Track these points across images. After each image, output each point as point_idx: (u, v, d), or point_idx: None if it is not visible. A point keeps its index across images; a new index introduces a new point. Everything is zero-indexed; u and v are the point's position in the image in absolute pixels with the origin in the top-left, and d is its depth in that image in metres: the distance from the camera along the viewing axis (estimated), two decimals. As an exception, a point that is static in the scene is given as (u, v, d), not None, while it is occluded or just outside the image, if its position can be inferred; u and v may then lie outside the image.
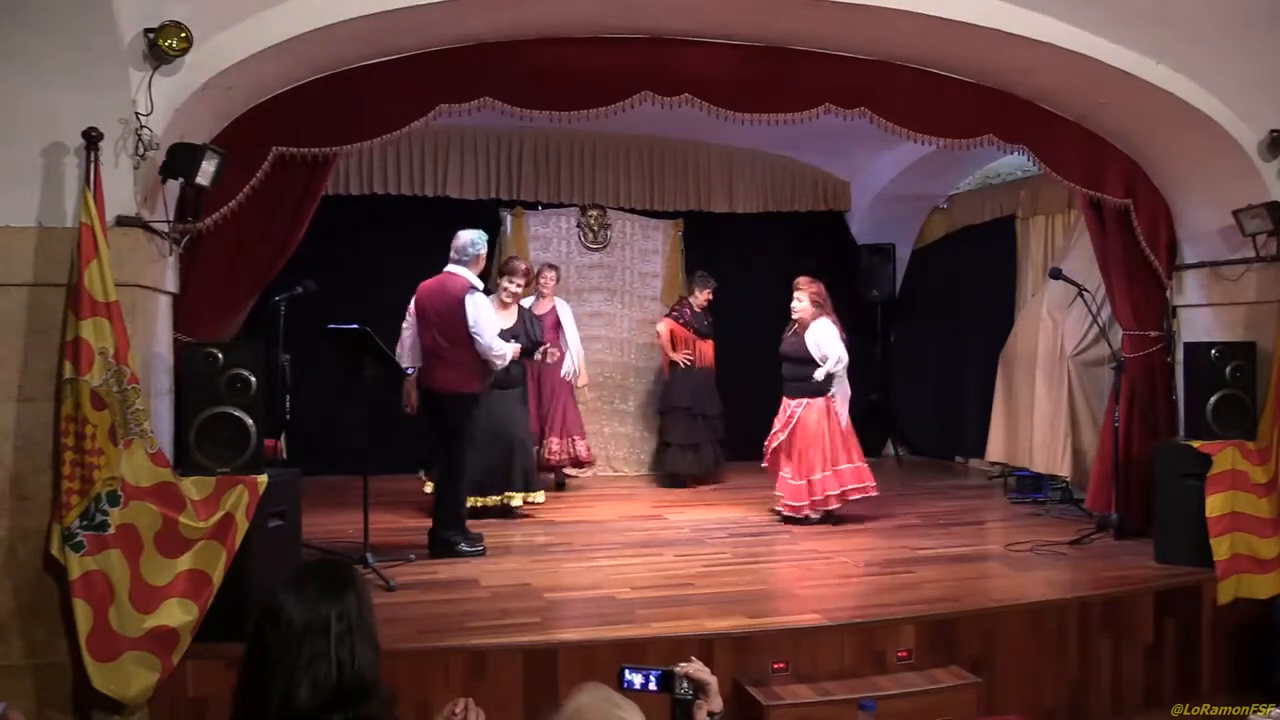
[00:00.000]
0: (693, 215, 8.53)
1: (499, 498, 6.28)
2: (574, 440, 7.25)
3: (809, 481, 5.99)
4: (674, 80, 4.96)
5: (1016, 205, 7.97)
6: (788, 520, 6.08)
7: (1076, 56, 4.77)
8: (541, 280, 7.21)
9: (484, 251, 5.40)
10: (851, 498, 6.01)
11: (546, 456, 7.15)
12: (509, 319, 6.30)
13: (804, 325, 6.08)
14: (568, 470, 7.42)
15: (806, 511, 6.02)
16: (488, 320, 5.25)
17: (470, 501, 6.13)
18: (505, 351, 5.31)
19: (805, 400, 6.04)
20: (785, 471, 6.15)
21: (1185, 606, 4.67)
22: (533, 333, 6.36)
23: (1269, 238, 5.03)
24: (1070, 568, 5.03)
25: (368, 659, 1.78)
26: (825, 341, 5.98)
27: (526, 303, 6.79)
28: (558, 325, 7.17)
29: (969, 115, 5.33)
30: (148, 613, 3.56)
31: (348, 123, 4.63)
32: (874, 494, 6.10)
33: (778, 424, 6.18)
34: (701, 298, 7.55)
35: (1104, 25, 4.71)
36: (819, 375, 5.97)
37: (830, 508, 6.00)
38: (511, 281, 6.23)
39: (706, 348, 7.59)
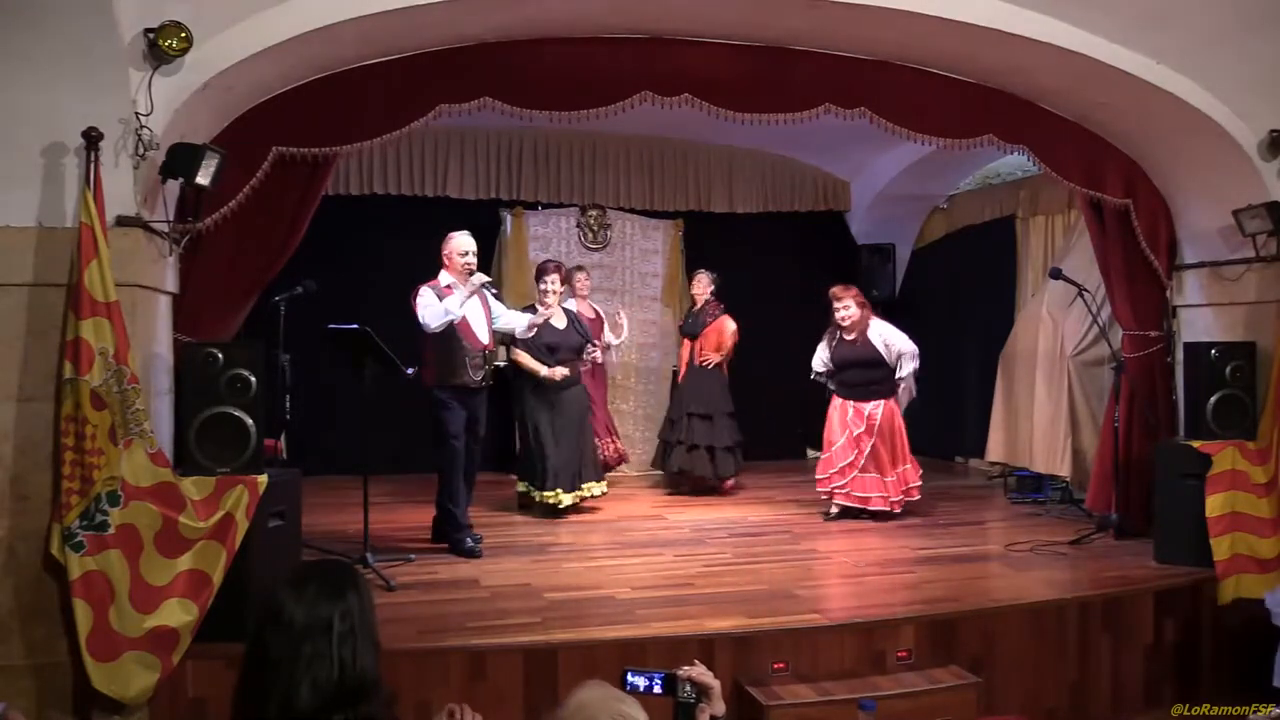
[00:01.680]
0: (693, 215, 8.54)
1: (581, 492, 6.36)
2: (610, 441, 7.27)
3: (899, 475, 6.21)
4: (674, 80, 4.96)
5: (1016, 205, 7.97)
6: (877, 515, 6.16)
7: (1076, 56, 4.77)
8: (577, 284, 7.22)
9: (447, 250, 5.34)
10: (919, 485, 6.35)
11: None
12: (559, 322, 6.29)
13: (855, 329, 6.22)
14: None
15: (897, 507, 6.20)
16: (422, 302, 5.18)
17: (546, 496, 6.19)
18: (431, 321, 5.14)
19: (880, 402, 6.20)
20: (871, 470, 6.20)
21: (1185, 606, 4.67)
22: (585, 334, 6.43)
23: (1269, 238, 5.03)
24: (1070, 568, 5.03)
25: (369, 659, 1.78)
26: (896, 339, 6.16)
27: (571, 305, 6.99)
28: (602, 324, 7.24)
29: (969, 115, 5.33)
30: (148, 613, 3.56)
31: (348, 123, 4.63)
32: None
33: (856, 428, 6.22)
34: (695, 293, 7.39)
35: (1104, 25, 4.71)
36: (905, 372, 6.12)
37: (912, 498, 6.28)
38: (544, 282, 6.21)
39: (682, 347, 7.49)
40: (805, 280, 8.62)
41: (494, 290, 5.69)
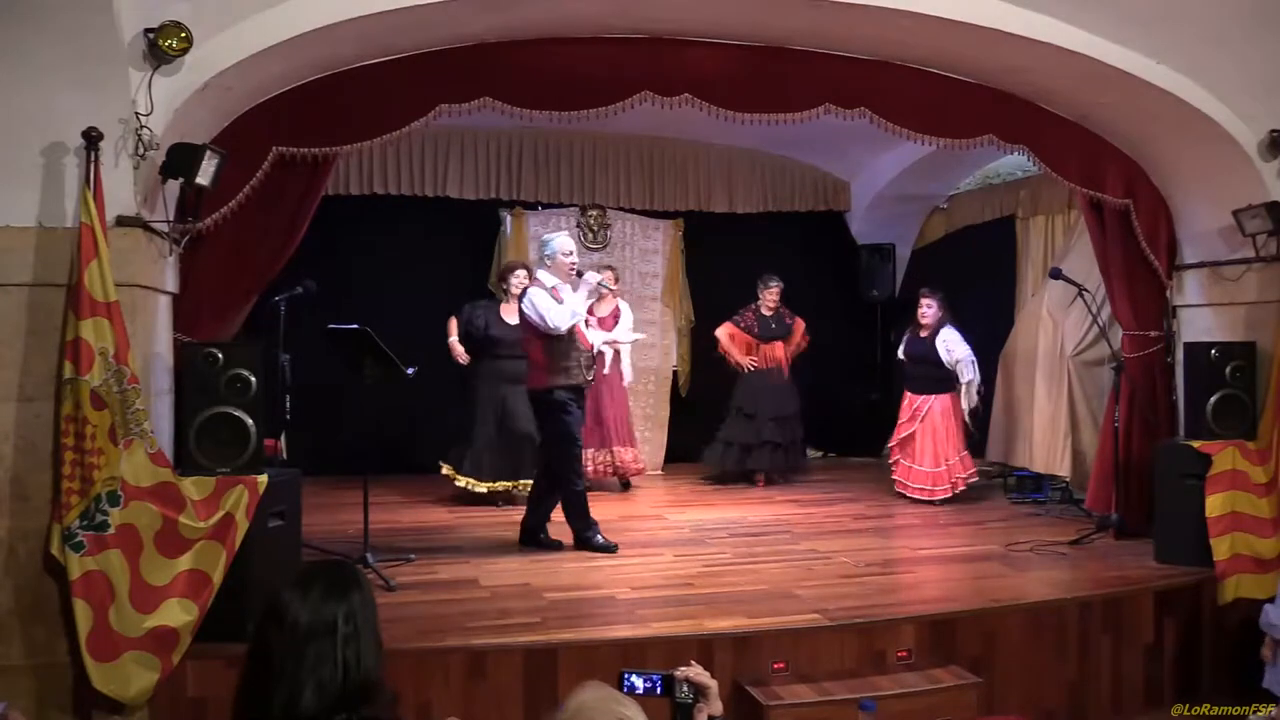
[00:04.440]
0: (693, 215, 8.53)
1: (509, 484, 6.48)
2: (626, 448, 7.32)
3: (947, 467, 6.70)
4: (674, 80, 4.96)
5: (1016, 205, 7.96)
6: (919, 503, 6.69)
7: (1077, 56, 4.77)
8: (608, 281, 7.26)
9: (552, 251, 5.38)
10: (972, 481, 6.83)
11: (620, 466, 7.25)
12: (511, 318, 6.47)
13: (929, 330, 6.80)
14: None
15: (940, 494, 6.67)
16: (544, 304, 5.21)
17: (476, 485, 6.38)
18: (560, 322, 5.18)
19: (933, 396, 6.79)
20: (910, 460, 6.82)
21: (1185, 606, 4.68)
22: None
23: (1269, 238, 5.03)
24: (1070, 568, 5.03)
25: (372, 659, 1.78)
26: (956, 347, 6.73)
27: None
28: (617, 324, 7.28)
29: (969, 115, 5.33)
30: (148, 613, 3.56)
31: (348, 123, 4.63)
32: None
33: (905, 416, 6.92)
34: (766, 299, 7.58)
35: (1104, 25, 4.71)
36: (966, 378, 6.72)
37: (959, 490, 6.73)
38: (512, 278, 6.50)
39: (770, 350, 7.60)
40: (805, 280, 8.63)
41: (609, 288, 5.78)
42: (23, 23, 3.51)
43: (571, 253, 5.40)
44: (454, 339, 6.63)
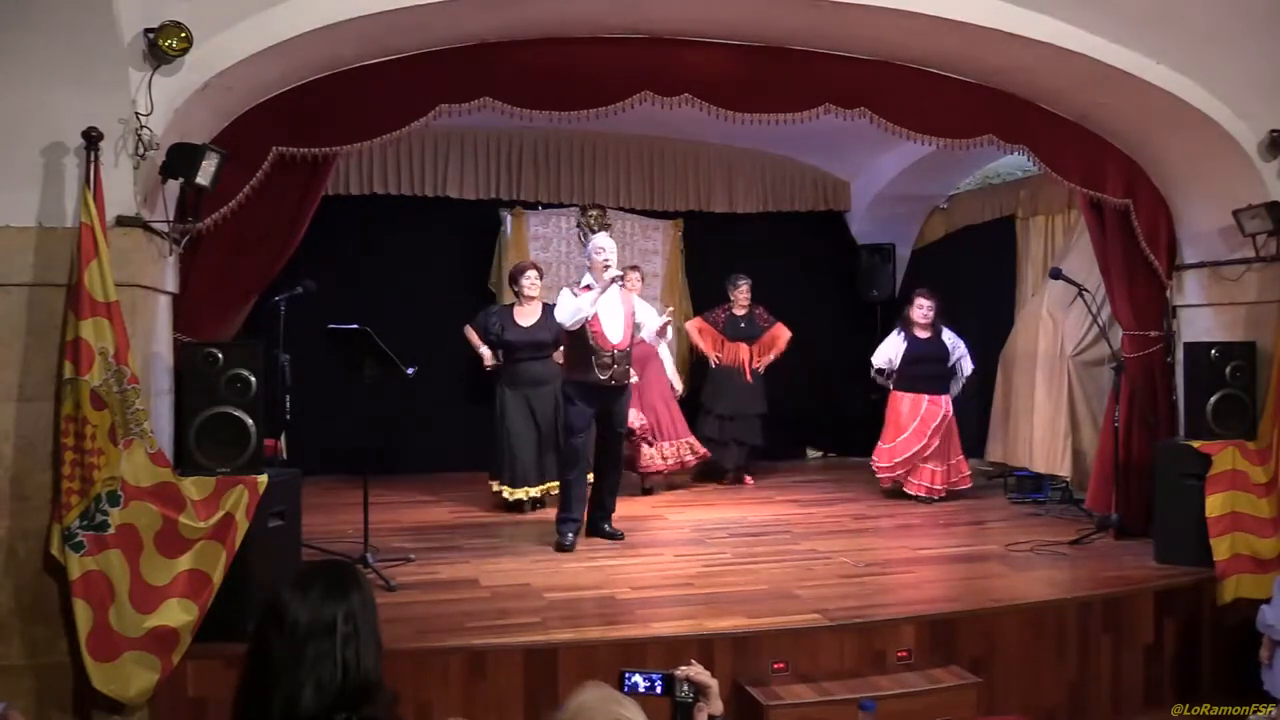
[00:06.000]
0: (693, 215, 8.54)
1: (545, 488, 6.45)
2: (685, 442, 7.27)
3: (955, 464, 6.85)
4: (674, 80, 4.96)
5: (1016, 205, 7.96)
6: (923, 500, 6.71)
7: (1076, 56, 4.77)
8: (628, 282, 7.20)
9: (587, 250, 5.60)
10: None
11: (662, 462, 7.15)
12: (532, 317, 6.42)
13: (926, 329, 6.88)
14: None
15: (961, 485, 6.87)
16: (559, 301, 5.46)
17: (514, 494, 6.33)
18: (562, 318, 5.39)
19: (945, 396, 6.87)
20: (925, 460, 6.82)
21: (1185, 606, 4.68)
22: (556, 334, 6.38)
23: (1269, 238, 5.03)
24: (1070, 568, 5.03)
25: (371, 660, 1.78)
26: (960, 343, 6.92)
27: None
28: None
29: (969, 115, 5.33)
30: (148, 613, 3.57)
31: (347, 123, 4.63)
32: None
33: (933, 420, 6.77)
34: (737, 299, 7.58)
35: (1104, 25, 4.71)
36: (969, 370, 6.91)
37: (964, 486, 6.90)
38: (523, 279, 6.45)
39: (734, 349, 7.60)
40: (805, 280, 8.64)
41: (620, 282, 5.77)
42: (23, 23, 3.51)
43: (602, 250, 5.51)
44: (484, 348, 6.58)
